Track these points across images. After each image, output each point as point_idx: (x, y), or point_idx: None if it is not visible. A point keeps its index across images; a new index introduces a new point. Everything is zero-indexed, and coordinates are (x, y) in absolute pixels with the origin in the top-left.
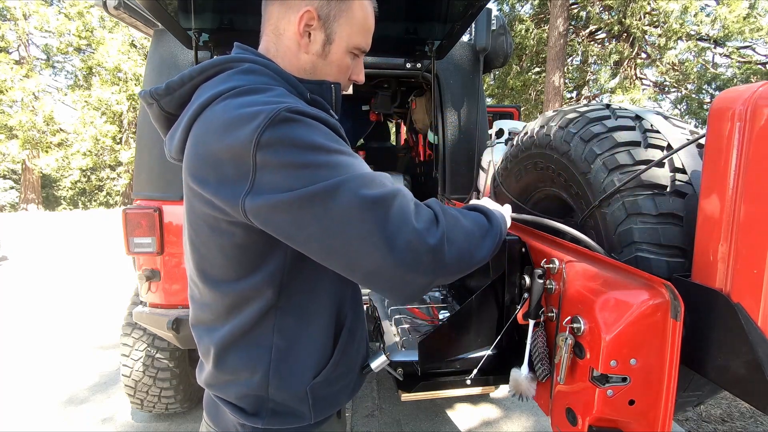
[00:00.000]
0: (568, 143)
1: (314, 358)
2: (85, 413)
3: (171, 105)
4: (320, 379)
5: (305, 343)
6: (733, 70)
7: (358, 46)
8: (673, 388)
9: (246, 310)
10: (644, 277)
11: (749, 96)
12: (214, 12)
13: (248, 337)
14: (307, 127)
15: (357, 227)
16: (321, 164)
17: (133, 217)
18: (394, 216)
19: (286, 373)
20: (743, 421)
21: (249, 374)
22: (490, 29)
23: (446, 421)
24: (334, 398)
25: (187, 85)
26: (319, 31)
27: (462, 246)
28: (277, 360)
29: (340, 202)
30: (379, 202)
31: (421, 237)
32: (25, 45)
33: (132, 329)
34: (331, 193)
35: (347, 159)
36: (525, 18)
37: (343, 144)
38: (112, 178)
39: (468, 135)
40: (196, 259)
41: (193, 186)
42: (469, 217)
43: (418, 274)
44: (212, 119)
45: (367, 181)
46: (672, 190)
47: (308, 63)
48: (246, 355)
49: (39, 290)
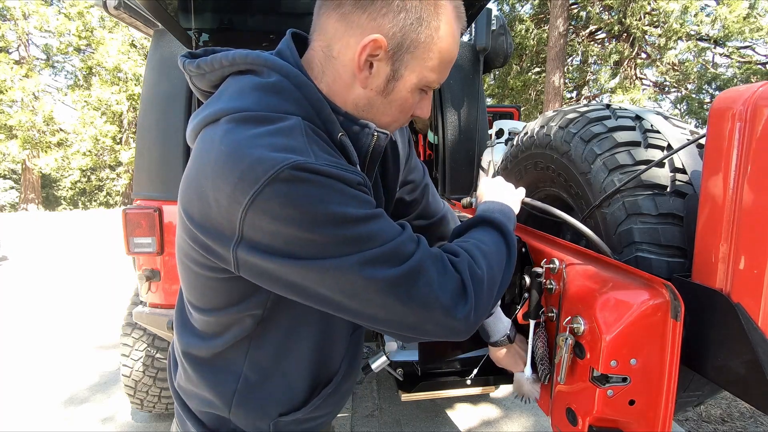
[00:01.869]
0: (568, 143)
1: (285, 398)
2: (85, 413)
3: (203, 84)
4: (288, 419)
5: (278, 381)
6: (733, 70)
7: (431, 83)
8: (673, 388)
9: (224, 336)
10: (644, 277)
11: (749, 96)
12: (214, 12)
13: (220, 359)
14: (318, 188)
15: (379, 308)
16: (329, 239)
17: (133, 217)
18: (418, 295)
19: (250, 404)
20: (743, 421)
21: (212, 395)
22: (490, 29)
23: (446, 421)
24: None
25: (217, 72)
26: (384, 63)
27: (488, 297)
28: (243, 390)
29: (355, 282)
30: (400, 282)
31: (449, 314)
32: (25, 45)
33: (132, 329)
34: (344, 271)
35: (362, 229)
36: (525, 18)
37: (361, 204)
38: (112, 178)
39: (468, 135)
40: (184, 283)
41: (183, 214)
42: (492, 255)
43: (453, 336)
44: (210, 146)
45: (387, 255)
46: (672, 190)
47: (363, 99)
48: (213, 376)
49: (39, 290)
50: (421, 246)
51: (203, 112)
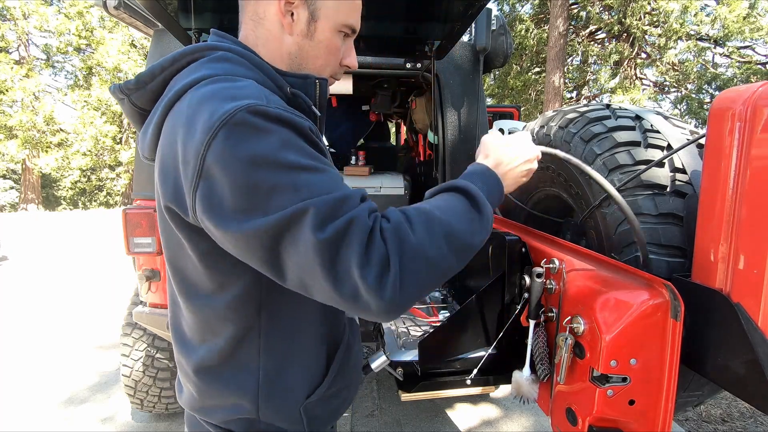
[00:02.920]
0: (568, 143)
1: (306, 377)
2: (85, 413)
3: (142, 100)
4: (314, 398)
5: (296, 363)
6: (733, 70)
7: (346, 23)
8: (673, 388)
9: (224, 333)
10: (644, 277)
11: (749, 96)
12: (214, 12)
13: (232, 362)
14: (267, 134)
15: (307, 264)
16: (273, 187)
17: (133, 217)
18: (342, 259)
19: (276, 395)
20: (743, 421)
21: (236, 399)
22: (490, 29)
23: (446, 421)
24: (332, 414)
25: (158, 78)
26: (302, 8)
27: (426, 270)
28: (266, 383)
29: (292, 238)
30: (330, 244)
31: (366, 289)
32: (25, 45)
33: (132, 329)
34: (282, 227)
35: (307, 177)
36: (525, 18)
37: (307, 152)
38: (112, 178)
39: (468, 135)
40: (172, 264)
41: (159, 188)
42: (442, 223)
43: (370, 314)
44: (179, 115)
45: (325, 212)
46: (672, 190)
47: (293, 45)
48: (233, 380)
49: (39, 290)
50: (357, 210)
51: (160, 105)
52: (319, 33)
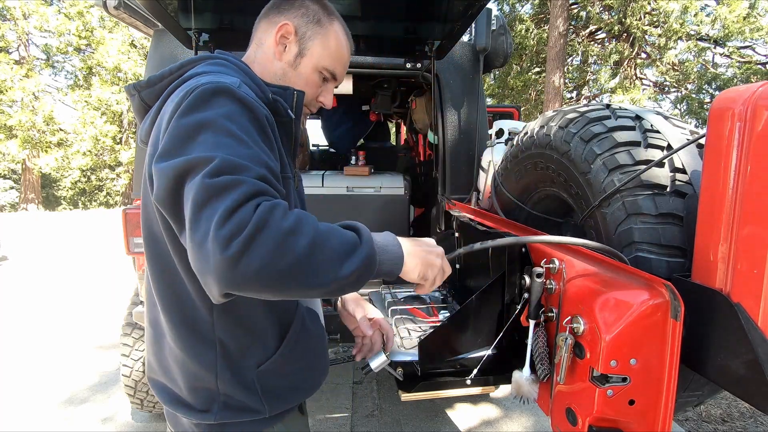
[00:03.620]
0: (568, 143)
1: (258, 346)
2: (85, 413)
3: (150, 96)
4: (267, 367)
5: (248, 332)
6: (733, 70)
7: (326, 67)
8: (673, 388)
9: (187, 305)
10: (644, 277)
11: (749, 96)
12: (214, 12)
13: (193, 330)
14: (221, 105)
15: (187, 204)
16: (200, 140)
17: (133, 217)
18: (210, 206)
19: (230, 362)
20: (743, 421)
21: (196, 368)
22: (490, 29)
23: (446, 421)
24: (291, 392)
25: (166, 79)
26: (293, 44)
27: (271, 258)
28: (222, 352)
29: (191, 181)
30: (209, 189)
31: (215, 238)
32: (25, 45)
33: (132, 329)
34: (187, 169)
35: (230, 142)
36: (525, 18)
37: (245, 128)
38: (112, 178)
39: (468, 135)
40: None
41: (146, 160)
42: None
43: (207, 269)
44: (172, 98)
45: (223, 167)
46: (672, 190)
47: (279, 70)
48: (192, 348)
49: (39, 290)
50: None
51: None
52: (303, 67)
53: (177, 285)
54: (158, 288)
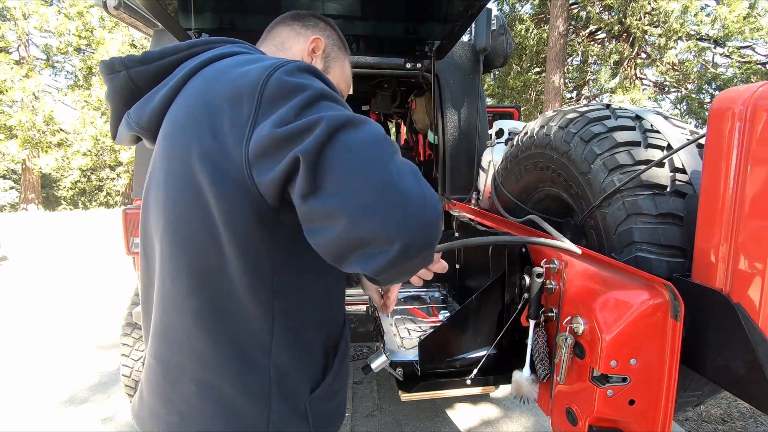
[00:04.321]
0: (568, 143)
1: (312, 368)
2: (85, 413)
3: (142, 76)
4: (318, 393)
5: (303, 353)
6: (733, 70)
7: (341, 91)
8: (673, 388)
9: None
10: (644, 277)
11: (749, 96)
12: (214, 12)
13: (242, 359)
14: (318, 78)
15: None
16: (328, 106)
17: (133, 217)
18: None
19: (285, 389)
20: (743, 421)
21: (241, 402)
22: (490, 29)
23: (446, 421)
24: (333, 420)
25: (169, 58)
26: (320, 60)
27: None
28: (276, 378)
29: (354, 133)
30: (389, 140)
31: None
32: (25, 45)
33: (132, 329)
34: (344, 126)
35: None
36: (525, 18)
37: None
38: (112, 178)
39: (468, 135)
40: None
41: (180, 151)
42: None
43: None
44: (218, 71)
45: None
46: (672, 190)
47: None
48: (238, 378)
49: (39, 290)
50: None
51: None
52: None
53: (231, 310)
54: (199, 320)
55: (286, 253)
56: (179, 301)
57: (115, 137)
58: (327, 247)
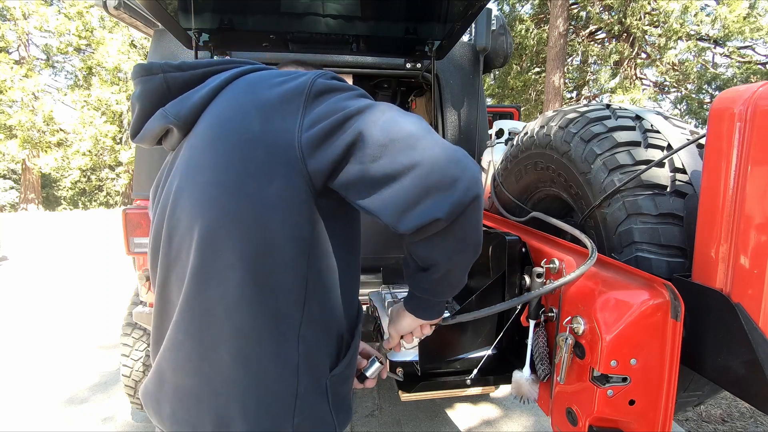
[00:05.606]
0: (568, 143)
1: (331, 342)
2: (85, 413)
3: (176, 81)
4: (337, 372)
5: (330, 328)
6: (733, 70)
7: None
8: (673, 388)
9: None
10: (644, 277)
11: (749, 96)
12: (214, 12)
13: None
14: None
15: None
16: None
17: (133, 217)
18: None
19: (310, 364)
20: (743, 421)
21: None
22: (490, 29)
23: (446, 421)
24: (348, 409)
25: (202, 69)
26: None
27: None
28: (304, 351)
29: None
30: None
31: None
32: (24, 45)
33: (132, 329)
34: (389, 107)
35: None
36: (525, 18)
37: None
38: (112, 178)
39: (468, 135)
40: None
41: (231, 136)
42: None
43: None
44: (258, 77)
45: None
46: (672, 190)
47: None
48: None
49: (39, 290)
50: None
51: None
52: None
53: (272, 283)
54: (241, 291)
55: (320, 234)
56: (222, 274)
57: (135, 136)
58: (398, 199)
